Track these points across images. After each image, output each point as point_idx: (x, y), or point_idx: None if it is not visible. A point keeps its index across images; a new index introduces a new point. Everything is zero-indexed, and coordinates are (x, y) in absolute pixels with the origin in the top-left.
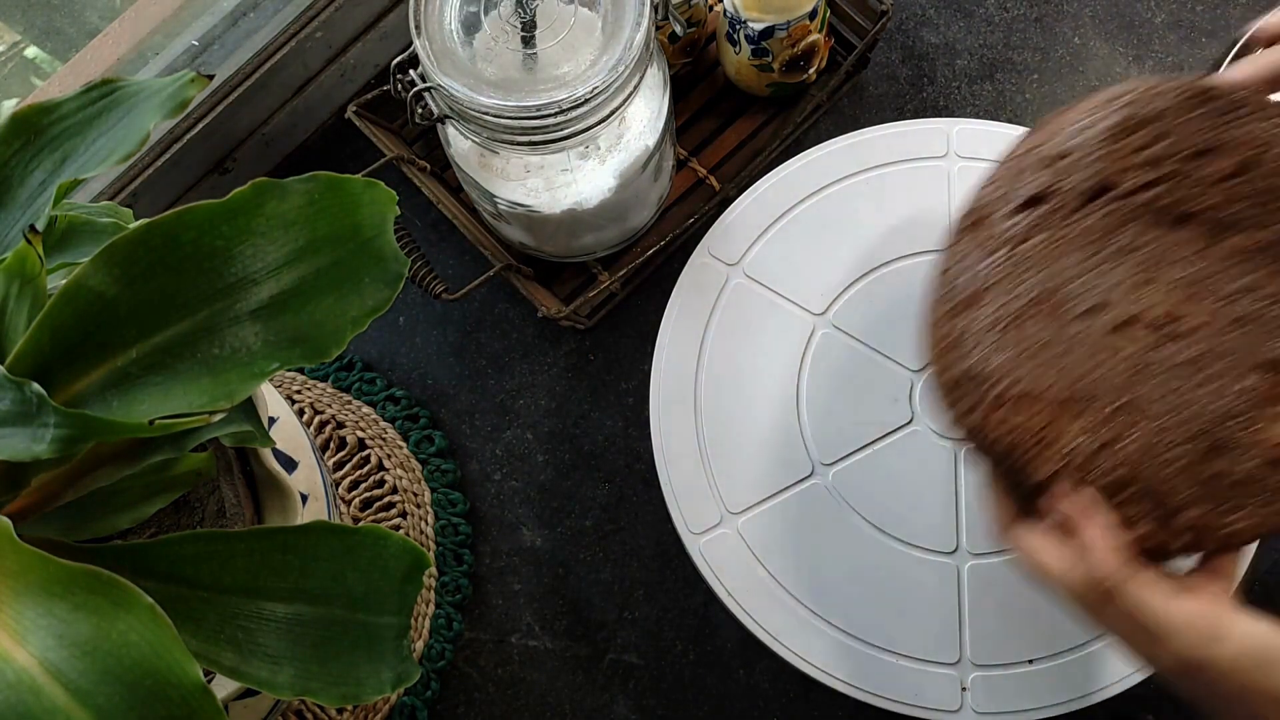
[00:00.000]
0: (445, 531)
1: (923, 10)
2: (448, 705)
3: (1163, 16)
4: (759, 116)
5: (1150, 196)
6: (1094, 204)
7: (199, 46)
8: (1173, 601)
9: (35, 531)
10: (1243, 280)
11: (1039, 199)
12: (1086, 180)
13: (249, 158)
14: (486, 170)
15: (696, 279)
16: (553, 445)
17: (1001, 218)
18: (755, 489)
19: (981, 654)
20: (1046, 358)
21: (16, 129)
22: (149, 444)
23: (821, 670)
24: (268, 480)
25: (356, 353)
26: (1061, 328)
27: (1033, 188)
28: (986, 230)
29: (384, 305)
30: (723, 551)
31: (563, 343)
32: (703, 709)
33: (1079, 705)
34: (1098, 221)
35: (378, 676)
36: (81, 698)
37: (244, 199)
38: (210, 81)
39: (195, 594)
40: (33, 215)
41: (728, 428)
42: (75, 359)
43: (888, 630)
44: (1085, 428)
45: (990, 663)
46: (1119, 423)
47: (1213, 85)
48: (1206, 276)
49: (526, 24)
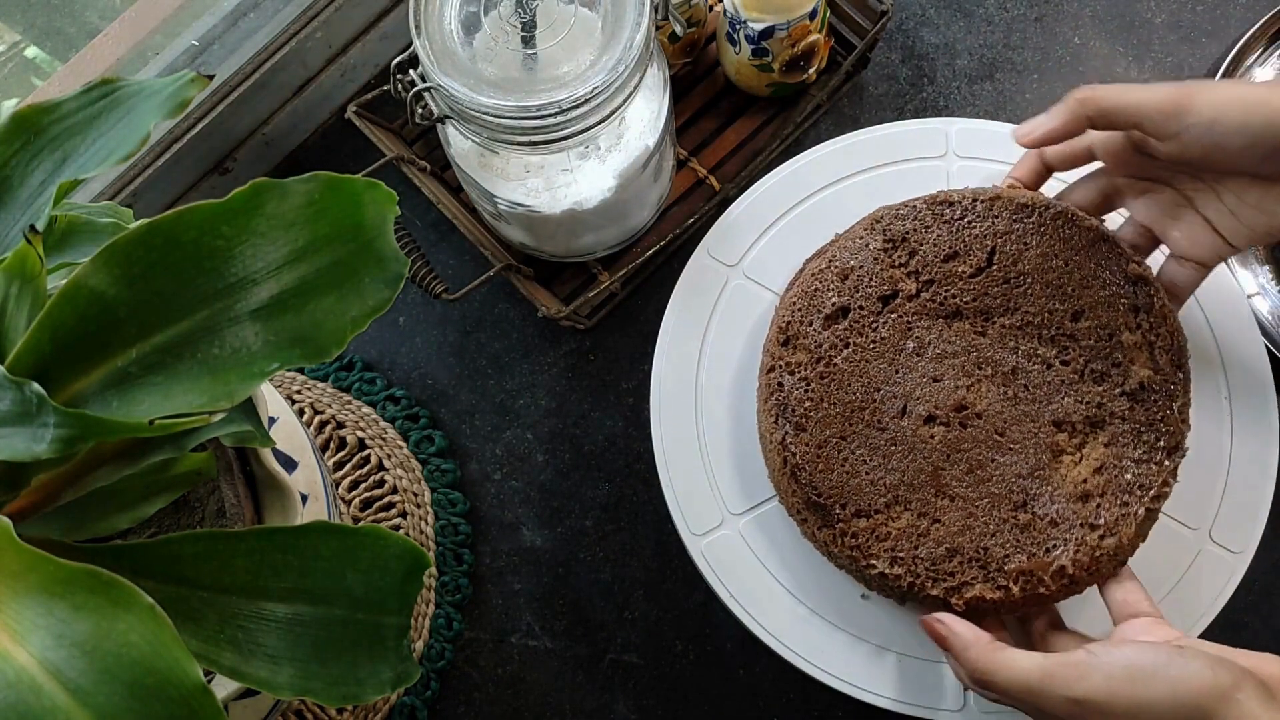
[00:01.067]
0: (445, 531)
1: (922, 10)
2: (448, 705)
3: (1163, 16)
4: (759, 116)
5: (926, 299)
6: (886, 309)
7: (199, 46)
8: (1026, 658)
9: (35, 531)
10: (1015, 357)
11: (844, 310)
12: (876, 290)
13: (249, 158)
14: (486, 170)
15: (696, 280)
16: (553, 445)
17: (814, 332)
18: (757, 490)
19: None
20: (869, 469)
21: (16, 129)
22: (149, 444)
23: (824, 670)
24: (268, 480)
25: (356, 353)
26: (879, 432)
27: (835, 303)
28: (802, 345)
29: (384, 305)
30: (724, 552)
31: (563, 343)
32: (703, 709)
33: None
34: (891, 327)
35: (378, 676)
36: (81, 697)
37: (244, 199)
38: (210, 81)
39: (195, 594)
40: (33, 215)
41: (729, 428)
42: (75, 359)
43: (890, 629)
44: (910, 520)
45: None
46: (939, 505)
47: (946, 197)
48: (986, 360)
49: (526, 24)
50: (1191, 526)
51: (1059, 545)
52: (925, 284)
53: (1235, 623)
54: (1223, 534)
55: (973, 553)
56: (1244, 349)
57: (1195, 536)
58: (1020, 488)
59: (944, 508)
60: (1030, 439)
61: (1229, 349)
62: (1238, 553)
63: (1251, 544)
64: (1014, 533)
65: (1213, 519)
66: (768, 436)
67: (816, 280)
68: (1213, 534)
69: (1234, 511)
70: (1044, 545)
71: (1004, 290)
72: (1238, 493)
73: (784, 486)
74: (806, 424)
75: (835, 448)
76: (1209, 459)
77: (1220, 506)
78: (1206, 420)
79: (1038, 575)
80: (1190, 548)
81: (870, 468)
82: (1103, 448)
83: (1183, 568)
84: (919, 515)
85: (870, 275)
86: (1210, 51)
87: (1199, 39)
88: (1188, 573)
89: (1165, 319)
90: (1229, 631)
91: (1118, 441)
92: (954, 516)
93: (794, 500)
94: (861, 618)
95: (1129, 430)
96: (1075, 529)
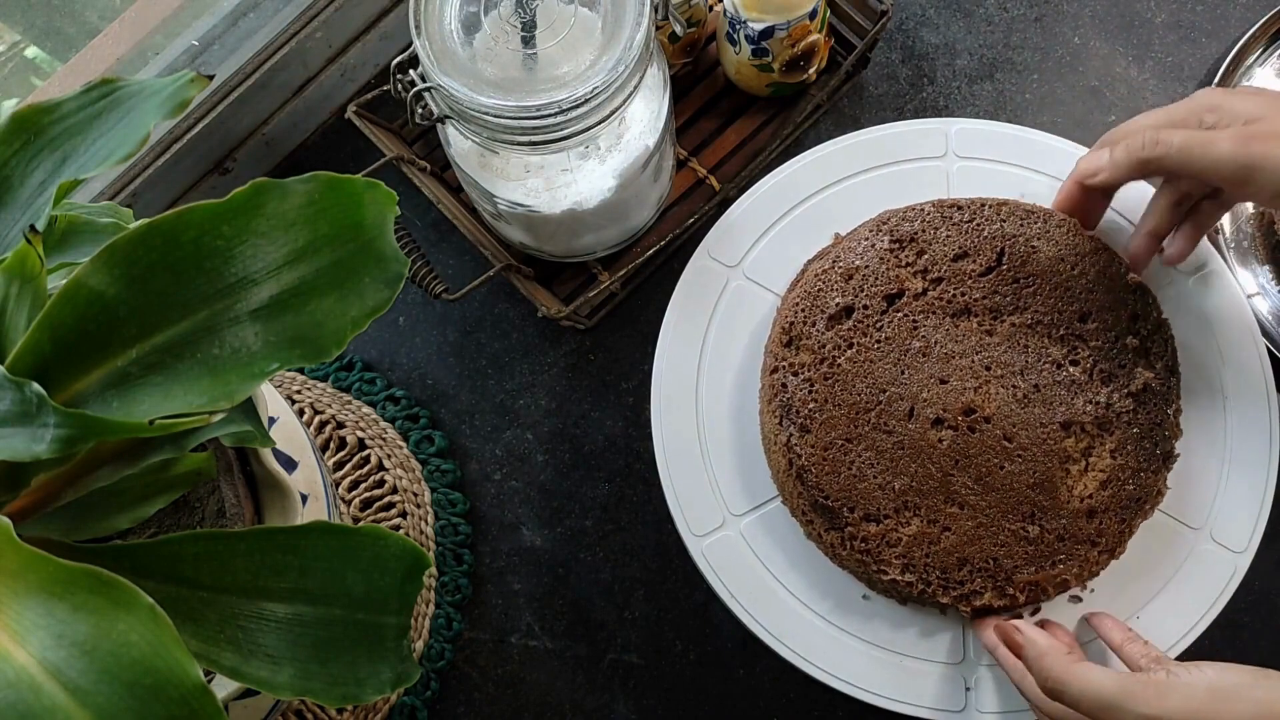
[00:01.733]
0: (445, 531)
1: (923, 10)
2: (447, 705)
3: (1163, 16)
4: (759, 116)
5: (933, 297)
6: (892, 309)
7: (199, 46)
8: (1103, 673)
9: (35, 531)
10: (1025, 357)
11: (848, 310)
12: (881, 290)
13: (249, 158)
14: (486, 170)
15: (697, 281)
16: (553, 445)
17: (818, 333)
18: (758, 490)
19: (985, 655)
20: (877, 472)
21: (16, 129)
22: (149, 444)
23: (827, 672)
24: (268, 480)
25: (356, 353)
26: (886, 435)
27: (839, 302)
28: (806, 346)
29: (384, 305)
30: (726, 554)
31: (563, 343)
32: (703, 709)
33: None
34: (897, 326)
35: (378, 676)
36: (81, 697)
37: (244, 199)
38: (210, 81)
39: (195, 594)
40: (33, 215)
41: (730, 429)
42: (75, 359)
43: (894, 631)
44: (920, 527)
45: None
46: (948, 513)
47: (954, 201)
48: (995, 360)
49: (526, 24)
50: (1192, 526)
51: (1064, 559)
52: (934, 282)
53: (1235, 623)
54: (1223, 533)
55: (982, 563)
56: (1243, 349)
57: (1196, 536)
58: (1029, 499)
59: (954, 515)
60: (1039, 445)
61: (1228, 348)
62: (1239, 551)
63: (1253, 542)
64: (1023, 545)
65: (1213, 518)
66: (772, 438)
67: (820, 280)
68: (1213, 533)
69: (1234, 510)
70: (1051, 559)
71: (1014, 289)
72: (1237, 491)
73: (789, 488)
74: (812, 425)
75: (842, 450)
76: (1208, 458)
77: (1220, 505)
78: (1205, 419)
79: (1042, 585)
80: (1191, 547)
81: (878, 471)
82: (1109, 457)
83: (1184, 567)
84: (929, 522)
85: (876, 274)
86: (1210, 51)
87: (1199, 39)
88: (1191, 572)
89: (1160, 328)
90: (1229, 631)
91: (1123, 450)
92: (964, 525)
93: (799, 502)
94: (864, 618)
95: (1133, 436)
96: (1080, 545)
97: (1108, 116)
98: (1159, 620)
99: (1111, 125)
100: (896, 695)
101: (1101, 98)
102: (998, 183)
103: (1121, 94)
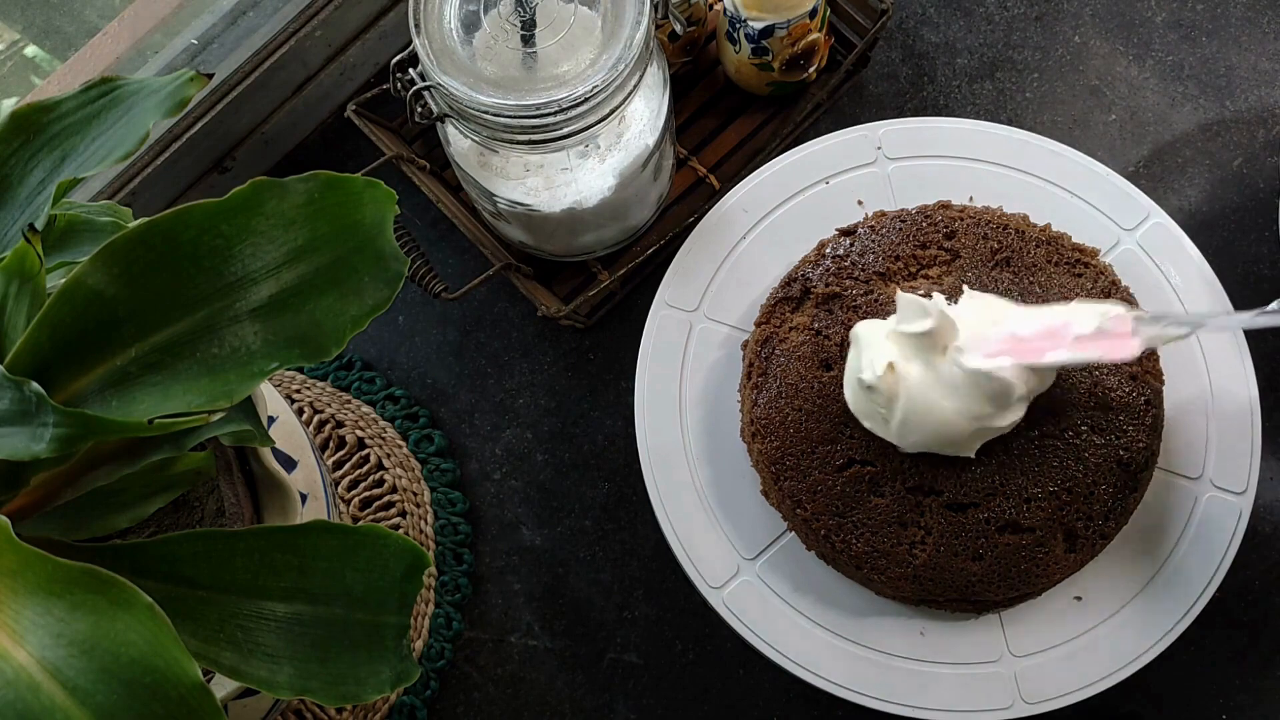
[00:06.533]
0: (445, 531)
1: (923, 9)
2: (447, 705)
3: (1163, 16)
4: (759, 115)
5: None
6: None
7: (199, 45)
8: None
9: (34, 531)
10: None
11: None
12: (841, 317)
13: (248, 157)
14: (486, 169)
15: (661, 333)
16: (552, 445)
17: (782, 370)
18: (767, 528)
19: (1021, 647)
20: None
21: (16, 128)
22: (148, 443)
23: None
24: (267, 480)
25: (356, 352)
26: (870, 494)
27: (801, 330)
28: (769, 384)
29: (384, 304)
30: (748, 600)
31: (562, 342)
32: (703, 709)
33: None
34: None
35: (377, 676)
36: (80, 696)
37: (243, 198)
38: (210, 80)
39: (195, 594)
40: (32, 214)
41: (724, 471)
42: (74, 358)
43: (922, 644)
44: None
45: (1029, 652)
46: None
47: (883, 213)
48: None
49: (526, 23)
50: (1190, 476)
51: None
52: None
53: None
54: (1222, 477)
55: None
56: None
57: (1196, 485)
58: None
59: (926, 545)
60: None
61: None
62: (1241, 493)
63: (1252, 481)
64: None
65: (1209, 464)
66: (745, 417)
67: (776, 310)
68: (1213, 479)
69: (1228, 452)
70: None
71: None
72: (1227, 434)
73: (755, 455)
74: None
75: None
76: (1193, 409)
77: (1213, 451)
78: (1186, 370)
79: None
80: (1193, 497)
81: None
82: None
83: (1190, 518)
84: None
85: (831, 291)
86: (1210, 51)
87: (1199, 39)
88: (1197, 523)
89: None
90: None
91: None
92: (932, 554)
93: (762, 464)
94: (893, 637)
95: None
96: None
97: (1108, 115)
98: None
99: (1111, 124)
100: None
101: (1101, 96)
102: (934, 179)
103: (1122, 93)
